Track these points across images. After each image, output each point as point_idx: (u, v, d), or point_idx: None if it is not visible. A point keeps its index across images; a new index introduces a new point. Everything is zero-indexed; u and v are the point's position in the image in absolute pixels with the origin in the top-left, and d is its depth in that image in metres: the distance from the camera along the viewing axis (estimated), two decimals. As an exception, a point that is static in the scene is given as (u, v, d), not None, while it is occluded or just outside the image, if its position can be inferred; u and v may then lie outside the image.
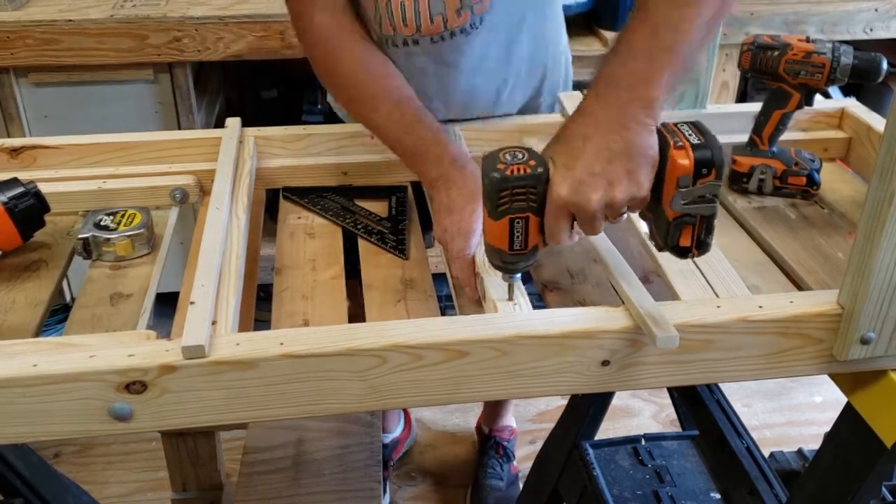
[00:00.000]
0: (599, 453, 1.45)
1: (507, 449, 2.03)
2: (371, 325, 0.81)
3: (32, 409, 0.76)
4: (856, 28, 2.26)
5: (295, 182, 1.21)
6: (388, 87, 1.15)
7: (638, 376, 0.84)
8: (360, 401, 0.80)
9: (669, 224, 0.80)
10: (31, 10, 2.05)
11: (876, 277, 0.78)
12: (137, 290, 0.98)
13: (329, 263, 1.05)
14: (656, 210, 0.81)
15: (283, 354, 0.77)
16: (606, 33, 2.17)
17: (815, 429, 2.19)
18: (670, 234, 0.80)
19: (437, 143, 1.10)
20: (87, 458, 2.09)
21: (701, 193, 0.78)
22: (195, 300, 0.83)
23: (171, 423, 0.78)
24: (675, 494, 1.37)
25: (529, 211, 0.80)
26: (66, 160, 1.17)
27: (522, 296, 0.88)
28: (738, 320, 0.82)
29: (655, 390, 2.26)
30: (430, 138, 1.11)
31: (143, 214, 1.07)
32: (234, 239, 0.97)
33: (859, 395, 0.87)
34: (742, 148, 1.18)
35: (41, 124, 2.13)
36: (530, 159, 0.79)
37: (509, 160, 0.78)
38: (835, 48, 1.07)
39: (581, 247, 1.08)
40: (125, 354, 0.76)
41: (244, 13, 2.04)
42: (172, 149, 1.18)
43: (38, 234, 1.04)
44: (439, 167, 1.09)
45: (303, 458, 1.63)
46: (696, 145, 0.77)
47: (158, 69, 2.10)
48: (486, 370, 0.81)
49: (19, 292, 0.97)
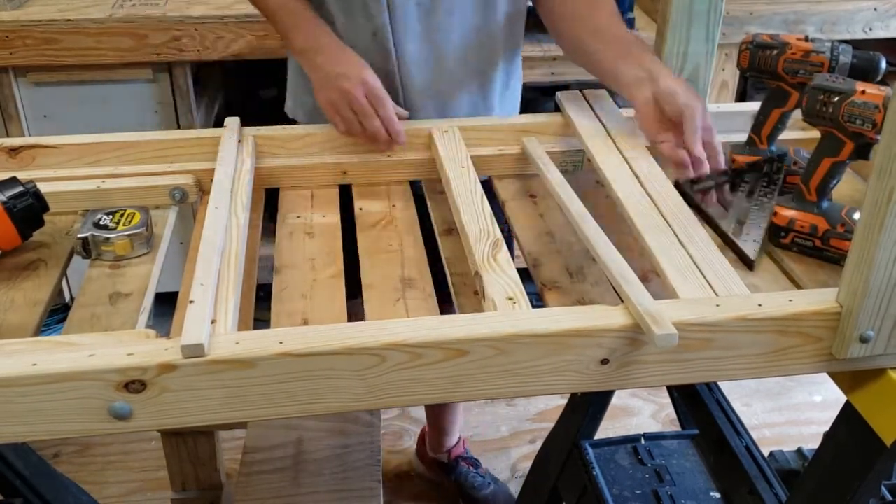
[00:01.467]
0: (599, 452, 1.45)
1: (471, 457, 2.02)
2: (370, 324, 0.81)
3: (32, 409, 0.76)
4: (855, 27, 2.26)
5: (294, 182, 1.21)
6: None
7: (637, 375, 0.84)
8: (359, 400, 0.80)
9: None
10: (30, 9, 2.05)
11: (875, 275, 0.78)
12: (136, 289, 0.98)
13: (328, 262, 1.05)
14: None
15: (283, 353, 0.77)
16: (606, 33, 2.17)
17: (814, 428, 2.19)
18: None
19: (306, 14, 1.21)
20: (87, 457, 2.09)
21: None
22: (194, 299, 0.83)
23: (170, 422, 0.78)
24: (675, 494, 1.37)
25: None
26: (66, 160, 1.17)
27: (522, 294, 0.88)
28: (737, 319, 0.82)
29: (655, 389, 2.26)
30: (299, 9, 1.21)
31: (143, 214, 1.07)
32: (233, 238, 0.97)
33: (858, 393, 0.87)
34: (741, 147, 1.18)
35: (40, 124, 2.13)
36: None
37: None
38: (834, 47, 1.07)
39: (581, 246, 1.08)
40: (124, 353, 0.76)
41: (244, 12, 2.04)
42: (172, 148, 1.18)
43: (37, 234, 1.04)
44: (309, 35, 1.20)
45: (302, 457, 1.63)
46: None
47: (158, 69, 2.10)
48: (485, 369, 0.81)
49: (18, 291, 0.97)
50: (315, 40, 1.22)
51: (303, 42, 1.23)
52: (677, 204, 1.03)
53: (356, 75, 1.18)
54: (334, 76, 1.19)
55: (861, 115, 0.94)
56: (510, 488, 2.01)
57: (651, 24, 2.22)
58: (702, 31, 1.23)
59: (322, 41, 1.22)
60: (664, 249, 0.94)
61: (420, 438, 2.08)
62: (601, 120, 1.23)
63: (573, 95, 1.30)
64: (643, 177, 1.08)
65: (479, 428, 2.22)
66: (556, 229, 1.12)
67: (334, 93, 1.18)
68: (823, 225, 1.00)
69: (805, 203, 1.02)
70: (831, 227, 0.99)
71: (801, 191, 1.03)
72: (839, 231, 0.99)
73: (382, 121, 1.18)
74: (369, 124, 1.18)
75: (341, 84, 1.18)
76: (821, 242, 1.00)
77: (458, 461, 1.99)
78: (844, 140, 0.97)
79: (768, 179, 1.11)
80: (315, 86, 1.22)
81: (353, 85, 1.17)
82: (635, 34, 1.34)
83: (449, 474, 2.00)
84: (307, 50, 1.23)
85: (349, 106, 1.18)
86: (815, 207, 1.01)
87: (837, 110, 0.95)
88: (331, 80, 1.19)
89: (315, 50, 1.22)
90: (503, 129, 1.27)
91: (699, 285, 0.89)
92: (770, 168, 1.12)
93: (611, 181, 1.08)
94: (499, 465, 2.10)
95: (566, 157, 1.25)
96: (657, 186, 1.06)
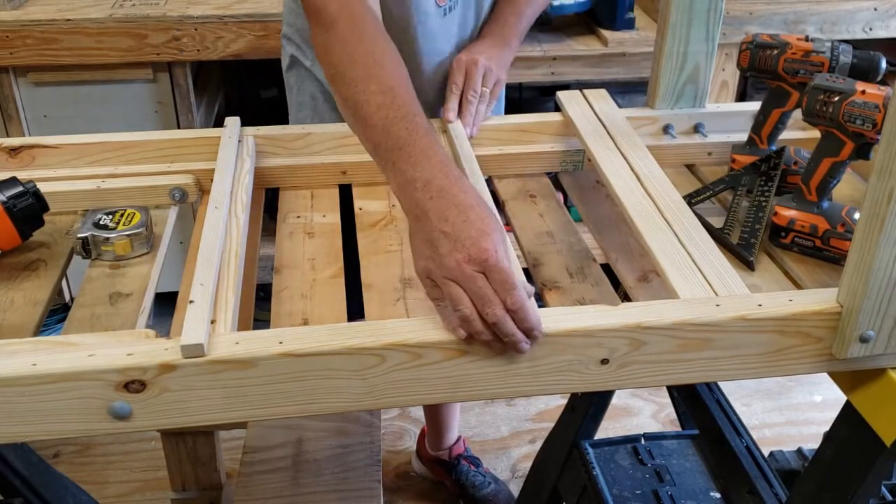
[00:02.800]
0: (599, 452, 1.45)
1: (472, 456, 2.02)
2: (370, 324, 0.81)
3: (32, 409, 0.76)
4: (855, 27, 2.26)
5: (294, 182, 1.21)
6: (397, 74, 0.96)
7: (637, 375, 0.84)
8: (359, 400, 0.80)
9: None
10: (30, 9, 2.05)
11: (875, 275, 0.78)
12: (136, 289, 0.98)
13: (328, 263, 1.05)
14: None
15: (283, 353, 0.77)
16: (606, 33, 2.17)
17: (814, 428, 2.19)
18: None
19: (427, 135, 0.88)
20: (87, 457, 2.09)
21: None
22: (194, 299, 0.83)
23: (170, 422, 0.78)
24: (675, 494, 1.37)
25: None
26: (66, 159, 1.17)
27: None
28: (737, 319, 0.82)
29: (655, 389, 2.26)
30: (420, 128, 0.89)
31: (143, 214, 1.07)
32: (233, 238, 0.97)
33: (858, 393, 0.87)
34: (742, 147, 1.18)
35: (40, 124, 2.13)
36: None
37: None
38: (834, 47, 1.07)
39: (581, 246, 1.08)
40: (124, 353, 0.76)
41: (244, 12, 2.04)
42: (171, 148, 1.18)
43: (37, 234, 1.04)
44: (424, 167, 0.85)
45: (302, 457, 1.63)
46: None
47: (158, 68, 2.10)
48: (485, 369, 0.81)
49: (18, 291, 0.97)
50: (445, 178, 0.84)
51: (428, 173, 0.85)
52: (677, 204, 1.03)
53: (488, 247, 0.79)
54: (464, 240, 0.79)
55: (861, 115, 0.94)
56: (510, 488, 2.01)
57: (651, 24, 2.22)
58: (702, 31, 1.23)
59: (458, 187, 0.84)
60: (664, 249, 0.94)
61: (420, 438, 2.08)
62: (601, 120, 1.23)
63: (573, 95, 1.30)
64: (643, 177, 1.08)
65: (479, 428, 2.22)
66: (556, 229, 1.12)
67: (449, 262, 0.78)
68: (824, 225, 1.00)
69: (805, 203, 1.02)
70: (831, 227, 0.99)
71: (801, 191, 1.03)
72: (839, 231, 0.99)
73: (511, 313, 0.78)
74: (492, 315, 0.77)
75: (462, 265, 0.78)
76: (821, 242, 1.00)
77: (458, 460, 1.99)
78: (844, 140, 0.97)
79: (766, 178, 1.11)
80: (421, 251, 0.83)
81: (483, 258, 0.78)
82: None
83: (449, 473, 1.99)
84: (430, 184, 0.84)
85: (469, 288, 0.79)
86: (815, 207, 1.01)
87: (837, 110, 0.95)
88: (457, 244, 0.79)
89: (440, 192, 0.83)
90: (503, 129, 1.27)
91: (699, 285, 0.89)
92: (767, 166, 1.12)
93: (611, 181, 1.08)
94: (499, 465, 2.10)
95: (566, 157, 1.25)
96: (657, 186, 1.06)
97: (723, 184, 1.14)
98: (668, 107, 1.28)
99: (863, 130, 0.95)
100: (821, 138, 1.00)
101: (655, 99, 1.28)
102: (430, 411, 1.99)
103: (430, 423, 2.01)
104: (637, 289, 1.01)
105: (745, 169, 1.14)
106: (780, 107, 1.14)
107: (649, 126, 1.27)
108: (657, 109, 1.28)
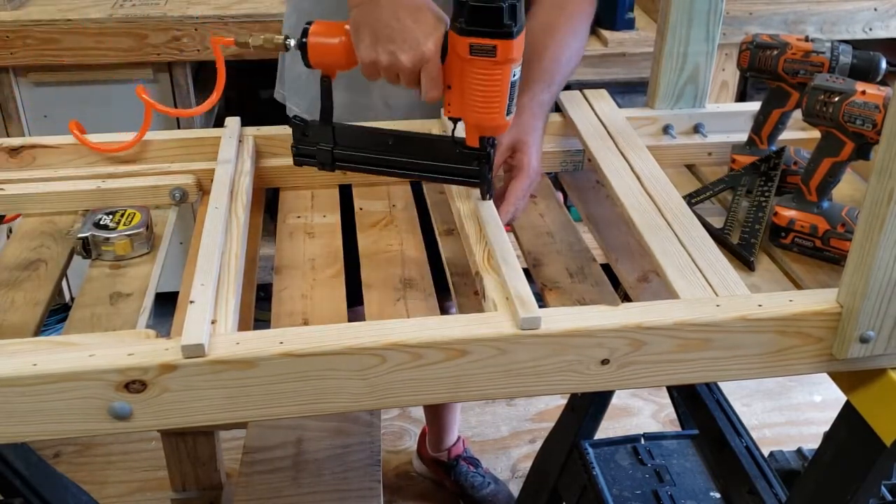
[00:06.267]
0: (599, 452, 1.45)
1: (471, 457, 2.02)
2: (371, 324, 0.81)
3: (32, 409, 0.76)
4: (855, 27, 2.26)
5: (294, 182, 1.21)
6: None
7: (637, 375, 0.84)
8: (360, 400, 0.80)
9: None
10: (30, 9, 2.05)
11: (875, 276, 0.78)
12: (137, 289, 0.98)
13: (328, 263, 1.05)
14: None
15: (283, 353, 0.77)
16: (606, 33, 2.17)
17: (814, 428, 2.19)
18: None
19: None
20: (87, 457, 2.09)
21: None
22: (195, 299, 0.83)
23: (170, 422, 0.78)
24: (675, 494, 1.37)
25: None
26: (66, 159, 1.17)
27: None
28: (737, 319, 0.82)
29: (655, 389, 2.26)
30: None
31: (143, 214, 1.07)
32: (233, 238, 0.97)
33: (858, 393, 0.88)
34: (741, 147, 1.18)
35: (40, 124, 2.14)
36: None
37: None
38: (833, 47, 1.07)
39: (581, 246, 1.08)
40: (125, 353, 0.76)
41: (244, 13, 2.04)
42: (172, 148, 1.18)
43: (37, 234, 1.04)
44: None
45: (303, 457, 1.63)
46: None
47: (158, 69, 2.10)
48: (485, 369, 0.81)
49: (18, 291, 0.97)
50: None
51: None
52: (677, 204, 1.03)
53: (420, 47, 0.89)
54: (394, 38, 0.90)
55: (861, 115, 0.94)
56: (510, 488, 2.01)
57: (651, 24, 2.22)
58: (702, 31, 1.23)
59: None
60: (664, 249, 0.94)
61: (421, 438, 2.08)
62: (601, 120, 1.23)
63: (573, 95, 1.30)
64: (643, 177, 1.08)
65: (479, 428, 2.22)
66: (557, 229, 1.12)
67: (384, 58, 0.91)
68: (824, 225, 1.00)
69: (805, 203, 1.02)
70: (831, 227, 0.99)
71: (801, 191, 1.02)
72: (839, 231, 0.99)
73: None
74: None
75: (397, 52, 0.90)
76: (821, 242, 1.00)
77: (458, 460, 1.99)
78: (844, 140, 0.97)
79: (766, 178, 1.11)
80: (363, 39, 0.92)
81: (408, 58, 0.90)
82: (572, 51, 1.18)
83: (449, 473, 2.00)
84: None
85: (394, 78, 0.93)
86: (815, 207, 1.01)
87: (837, 110, 0.95)
88: (388, 41, 0.91)
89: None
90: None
91: (699, 285, 0.89)
92: (767, 166, 1.12)
93: (611, 181, 1.08)
94: (499, 465, 2.11)
95: (566, 157, 1.25)
96: (657, 186, 1.06)
97: (723, 184, 1.14)
98: (668, 107, 1.28)
99: (863, 131, 0.95)
100: (821, 138, 1.00)
101: (655, 99, 1.28)
102: (430, 412, 1.99)
103: (431, 423, 2.01)
104: (637, 289, 1.01)
105: (745, 169, 1.14)
106: (780, 107, 1.14)
107: (649, 126, 1.27)
108: (657, 110, 1.28)
